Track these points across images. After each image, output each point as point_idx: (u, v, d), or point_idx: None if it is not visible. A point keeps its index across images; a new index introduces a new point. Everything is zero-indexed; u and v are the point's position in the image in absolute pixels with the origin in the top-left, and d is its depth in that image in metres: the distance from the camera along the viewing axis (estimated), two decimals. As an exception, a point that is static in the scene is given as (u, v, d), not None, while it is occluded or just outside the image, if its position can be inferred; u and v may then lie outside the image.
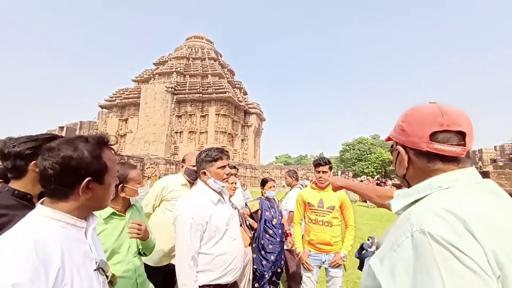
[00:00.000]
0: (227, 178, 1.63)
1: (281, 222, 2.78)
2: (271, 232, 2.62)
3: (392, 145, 0.86)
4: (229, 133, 42.32)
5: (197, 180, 1.68)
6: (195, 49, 50.11)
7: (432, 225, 0.56)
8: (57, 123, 56.45)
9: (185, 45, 51.21)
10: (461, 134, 0.70)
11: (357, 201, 15.66)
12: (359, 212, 11.52)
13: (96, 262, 0.80)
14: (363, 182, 16.64)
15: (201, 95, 41.39)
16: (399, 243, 0.61)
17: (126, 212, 1.47)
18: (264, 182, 3.06)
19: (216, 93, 41.16)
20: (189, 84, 43.02)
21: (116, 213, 1.39)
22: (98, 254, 0.84)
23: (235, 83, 50.43)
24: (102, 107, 47.11)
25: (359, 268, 0.86)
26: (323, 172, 2.38)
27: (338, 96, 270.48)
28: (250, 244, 2.50)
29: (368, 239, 0.91)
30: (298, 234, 2.41)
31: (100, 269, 0.80)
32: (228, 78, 47.82)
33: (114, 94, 46.35)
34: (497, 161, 37.20)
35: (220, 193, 1.63)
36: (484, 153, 40.57)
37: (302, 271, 2.33)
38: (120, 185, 1.39)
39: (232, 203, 3.66)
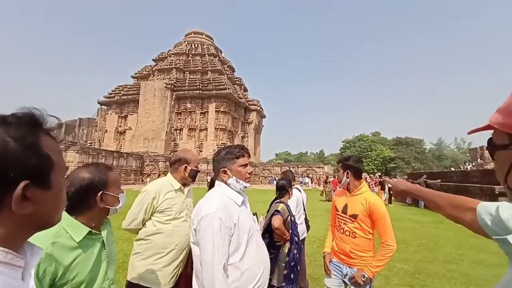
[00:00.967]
0: (249, 178, 1.43)
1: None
2: (297, 239, 2.35)
3: (491, 140, 0.57)
4: (229, 130, 42.06)
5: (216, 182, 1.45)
6: (195, 45, 49.62)
7: None
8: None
9: (185, 41, 50.71)
10: None
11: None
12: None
13: None
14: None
15: (201, 92, 41.04)
16: None
17: (101, 228, 1.15)
18: (289, 181, 2.57)
19: (216, 90, 40.80)
20: (189, 81, 42.64)
21: (92, 232, 1.08)
22: None
23: (235, 80, 50.02)
24: (101, 104, 46.73)
25: None
26: (338, 171, 2.16)
27: (339, 93, 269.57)
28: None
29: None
30: (329, 235, 2.22)
31: None
32: (228, 75, 47.41)
33: (113, 91, 45.97)
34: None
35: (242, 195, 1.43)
36: (486, 150, 40.30)
37: (325, 281, 2.08)
38: (100, 193, 1.08)
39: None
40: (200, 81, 42.24)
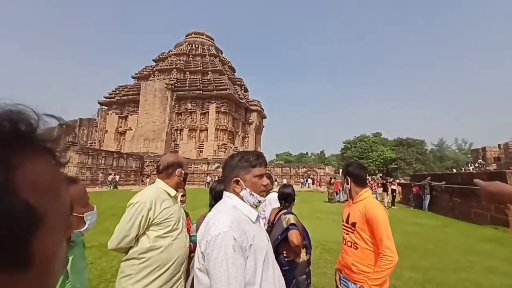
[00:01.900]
0: (264, 191, 1.20)
1: None
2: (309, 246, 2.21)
3: None
4: (230, 131, 41.91)
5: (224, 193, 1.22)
6: (196, 46, 49.55)
7: None
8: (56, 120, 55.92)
9: (185, 42, 50.65)
10: None
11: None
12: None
13: None
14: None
15: (202, 92, 40.91)
16: None
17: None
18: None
19: (217, 90, 40.67)
20: (189, 81, 42.54)
21: None
22: None
23: (236, 80, 49.90)
24: (102, 104, 46.68)
25: None
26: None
27: (339, 94, 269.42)
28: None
29: None
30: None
31: None
32: (229, 75, 47.30)
33: (114, 91, 45.91)
34: (501, 160, 36.80)
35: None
36: (488, 151, 40.12)
37: None
38: None
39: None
40: (201, 82, 42.13)
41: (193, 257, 1.64)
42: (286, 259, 1.97)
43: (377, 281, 1.61)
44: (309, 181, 30.28)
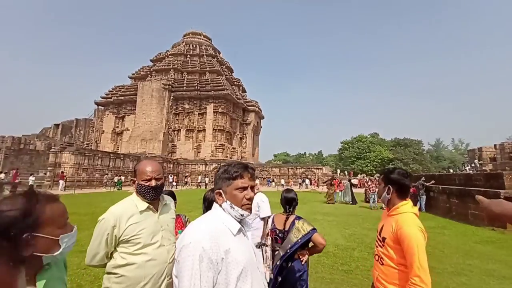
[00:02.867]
0: (248, 205, 1.15)
1: None
2: None
3: None
4: (228, 131, 41.80)
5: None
6: (193, 46, 49.38)
7: None
8: (52, 121, 55.52)
9: (183, 42, 50.46)
10: None
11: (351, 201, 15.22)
12: (362, 215, 11.08)
13: None
14: (360, 180, 16.18)
15: (199, 93, 40.77)
16: None
17: (38, 279, 0.83)
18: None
19: (214, 91, 40.55)
20: (187, 81, 42.37)
21: None
22: None
23: (234, 81, 49.79)
24: (98, 104, 46.33)
25: None
26: (379, 184, 1.82)
27: (337, 94, 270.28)
28: None
29: None
30: None
31: None
32: (227, 75, 47.20)
33: (110, 91, 45.60)
34: (497, 160, 37.06)
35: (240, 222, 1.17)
36: (484, 152, 40.26)
37: None
38: (26, 235, 0.77)
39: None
40: (198, 82, 41.99)
41: None
42: (303, 263, 2.01)
43: None
44: (307, 182, 30.24)
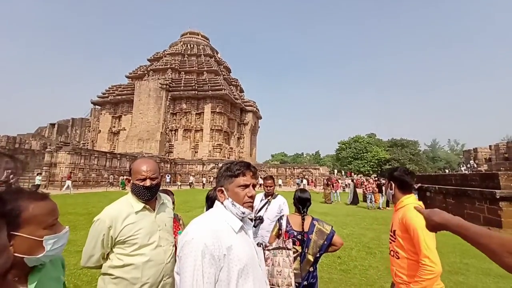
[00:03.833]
0: (250, 203, 1.16)
1: None
2: None
3: None
4: (225, 131, 41.73)
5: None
6: (191, 46, 49.23)
7: None
8: (48, 120, 54.91)
9: (180, 41, 50.28)
10: None
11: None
12: (359, 215, 11.12)
13: None
14: (355, 180, 16.21)
15: (197, 92, 40.65)
16: None
17: (30, 280, 0.79)
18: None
19: (212, 91, 40.46)
20: (184, 81, 42.22)
21: None
22: None
23: (231, 81, 49.73)
24: (95, 104, 45.97)
25: None
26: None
27: (334, 95, 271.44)
28: None
29: None
30: None
31: None
32: (224, 75, 47.13)
33: (107, 91, 45.27)
34: (492, 161, 37.48)
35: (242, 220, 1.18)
36: (479, 152, 40.80)
37: None
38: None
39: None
40: (196, 82, 41.86)
41: None
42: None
43: None
44: (304, 182, 30.30)
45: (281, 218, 2.18)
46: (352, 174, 36.11)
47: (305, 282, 2.02)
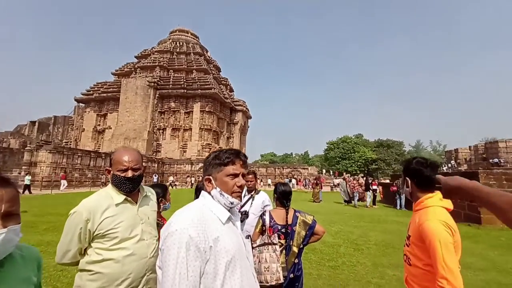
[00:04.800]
0: (239, 193, 1.10)
1: None
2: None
3: None
4: (214, 131, 41.39)
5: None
6: (180, 43, 48.52)
7: None
8: (29, 118, 52.55)
9: (169, 39, 49.45)
10: None
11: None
12: (347, 213, 11.31)
13: None
14: (344, 179, 16.44)
15: (186, 91, 40.10)
16: None
17: None
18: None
19: (201, 89, 40.03)
20: (173, 79, 41.54)
21: None
22: None
23: (221, 80, 49.41)
24: (78, 101, 44.42)
25: None
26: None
27: (324, 96, 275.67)
28: None
29: None
30: None
31: None
32: (214, 74, 46.75)
33: (92, 88, 43.87)
34: (471, 161, 39.20)
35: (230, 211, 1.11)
36: (460, 153, 42.52)
37: None
38: None
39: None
40: (185, 80, 41.29)
41: None
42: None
43: None
44: (293, 181, 30.54)
45: (264, 214, 2.16)
46: (344, 174, 36.68)
47: (291, 275, 2.00)
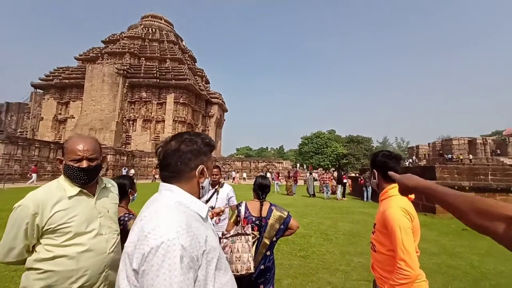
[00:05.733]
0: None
1: None
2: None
3: None
4: (189, 123, 40.27)
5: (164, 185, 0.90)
6: (152, 30, 45.93)
7: None
8: (-26, 103, 46.65)
9: (141, 24, 46.55)
10: None
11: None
12: (318, 205, 11.77)
13: None
14: (310, 174, 17.04)
15: (158, 81, 38.29)
16: None
17: None
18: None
19: (175, 80, 38.52)
20: (145, 68, 39.37)
21: None
22: None
23: (197, 71, 47.97)
24: (36, 87, 40.30)
25: None
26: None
27: (298, 91, 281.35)
28: None
29: None
30: None
31: None
32: (189, 65, 45.18)
33: (52, 73, 40.00)
34: (430, 157, 43.04)
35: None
36: (420, 149, 46.34)
37: None
38: None
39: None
40: (158, 69, 39.37)
41: None
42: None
43: None
44: (268, 175, 30.98)
45: (240, 205, 2.19)
46: (319, 170, 38.02)
47: (262, 266, 2.03)
